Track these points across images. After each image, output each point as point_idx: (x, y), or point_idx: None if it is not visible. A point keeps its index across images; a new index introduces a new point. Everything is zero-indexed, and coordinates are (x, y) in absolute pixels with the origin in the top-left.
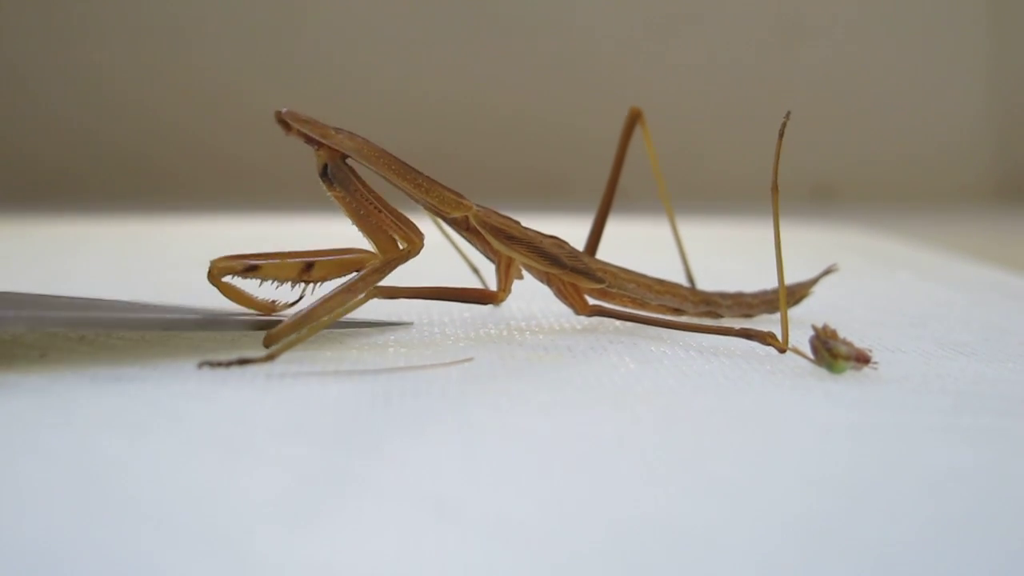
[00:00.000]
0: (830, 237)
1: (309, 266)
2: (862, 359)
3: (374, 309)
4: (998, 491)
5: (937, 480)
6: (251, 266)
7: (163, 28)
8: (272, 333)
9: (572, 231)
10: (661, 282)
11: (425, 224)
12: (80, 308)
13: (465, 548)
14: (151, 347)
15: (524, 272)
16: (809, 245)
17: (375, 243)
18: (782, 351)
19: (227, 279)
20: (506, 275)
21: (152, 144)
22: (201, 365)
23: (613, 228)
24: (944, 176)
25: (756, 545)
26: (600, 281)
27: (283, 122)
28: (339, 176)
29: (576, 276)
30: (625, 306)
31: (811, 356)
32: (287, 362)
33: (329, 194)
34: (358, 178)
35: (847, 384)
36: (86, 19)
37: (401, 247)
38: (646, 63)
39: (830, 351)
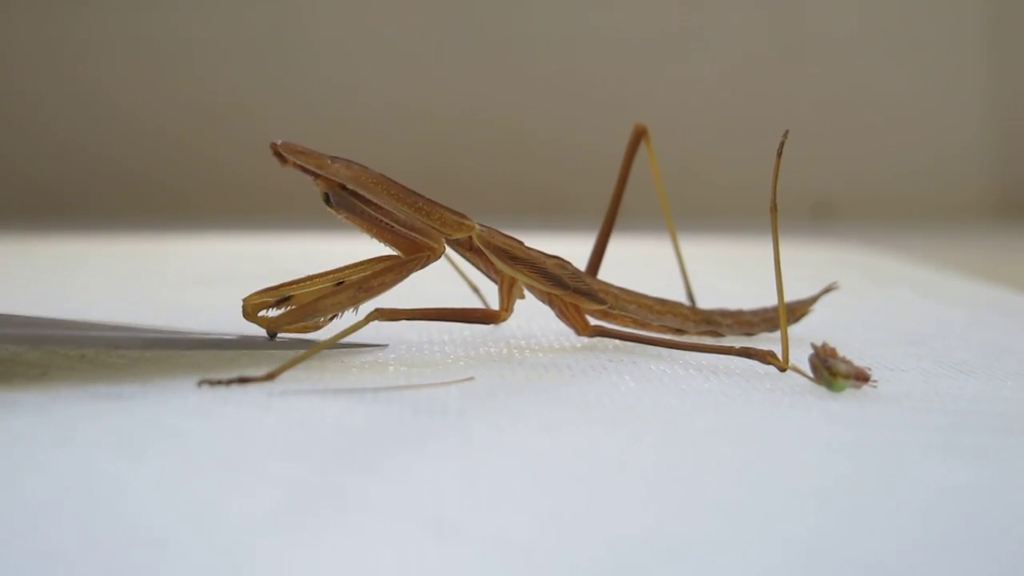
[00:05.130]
0: (830, 255)
1: (339, 284)
2: (861, 377)
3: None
4: (997, 509)
5: (936, 498)
6: (284, 297)
7: (162, 45)
8: (272, 321)
9: (575, 250)
10: (662, 302)
11: None
12: (80, 328)
13: (465, 567)
14: (151, 365)
15: (526, 292)
16: (809, 263)
17: (401, 252)
18: (783, 370)
19: (263, 314)
20: (508, 295)
21: (153, 162)
22: (201, 383)
23: (615, 246)
24: (944, 194)
25: (755, 563)
26: (602, 302)
27: (279, 154)
28: (342, 203)
29: (578, 297)
30: (626, 326)
31: (811, 374)
32: (287, 381)
33: (339, 218)
34: (362, 199)
35: (846, 402)
36: (86, 36)
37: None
38: (647, 81)
39: (829, 369)
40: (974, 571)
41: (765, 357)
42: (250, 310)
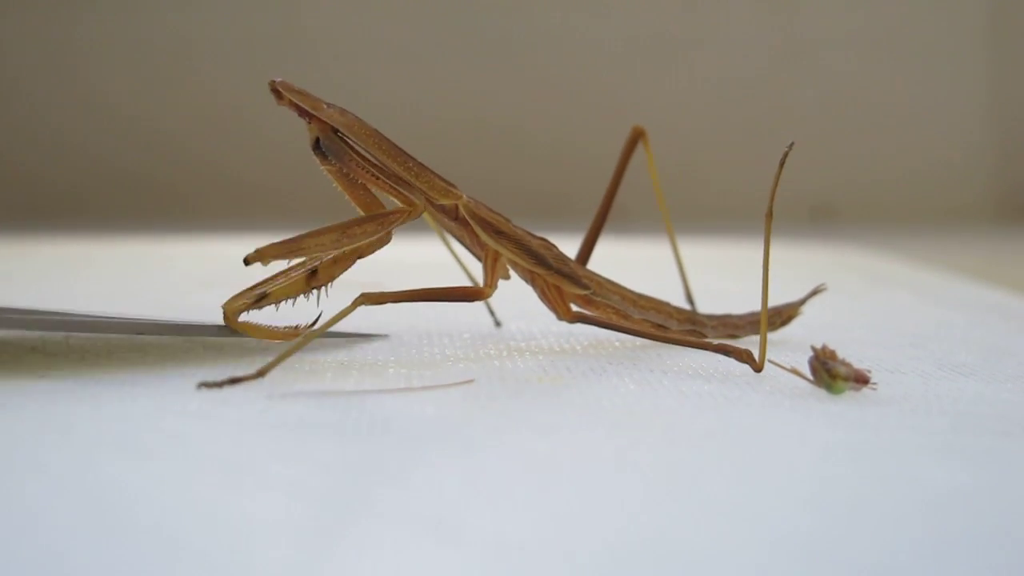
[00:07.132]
0: (829, 257)
1: (313, 273)
2: (861, 380)
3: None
4: (996, 512)
5: (936, 500)
6: (261, 295)
7: (165, 47)
8: (258, 251)
9: (571, 252)
10: (646, 298)
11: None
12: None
13: (464, 569)
14: (150, 362)
15: (512, 273)
16: (808, 265)
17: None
18: (758, 370)
19: (244, 317)
20: (492, 271)
21: (155, 164)
22: (200, 386)
23: (614, 248)
24: (944, 196)
25: (755, 565)
26: (585, 287)
27: (276, 91)
28: (332, 148)
29: (561, 279)
30: (608, 317)
31: (810, 377)
32: (287, 383)
33: (322, 168)
34: (352, 148)
35: (846, 405)
36: (89, 38)
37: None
38: (647, 84)
39: (829, 372)
40: (973, 573)
41: (742, 355)
42: (231, 315)
